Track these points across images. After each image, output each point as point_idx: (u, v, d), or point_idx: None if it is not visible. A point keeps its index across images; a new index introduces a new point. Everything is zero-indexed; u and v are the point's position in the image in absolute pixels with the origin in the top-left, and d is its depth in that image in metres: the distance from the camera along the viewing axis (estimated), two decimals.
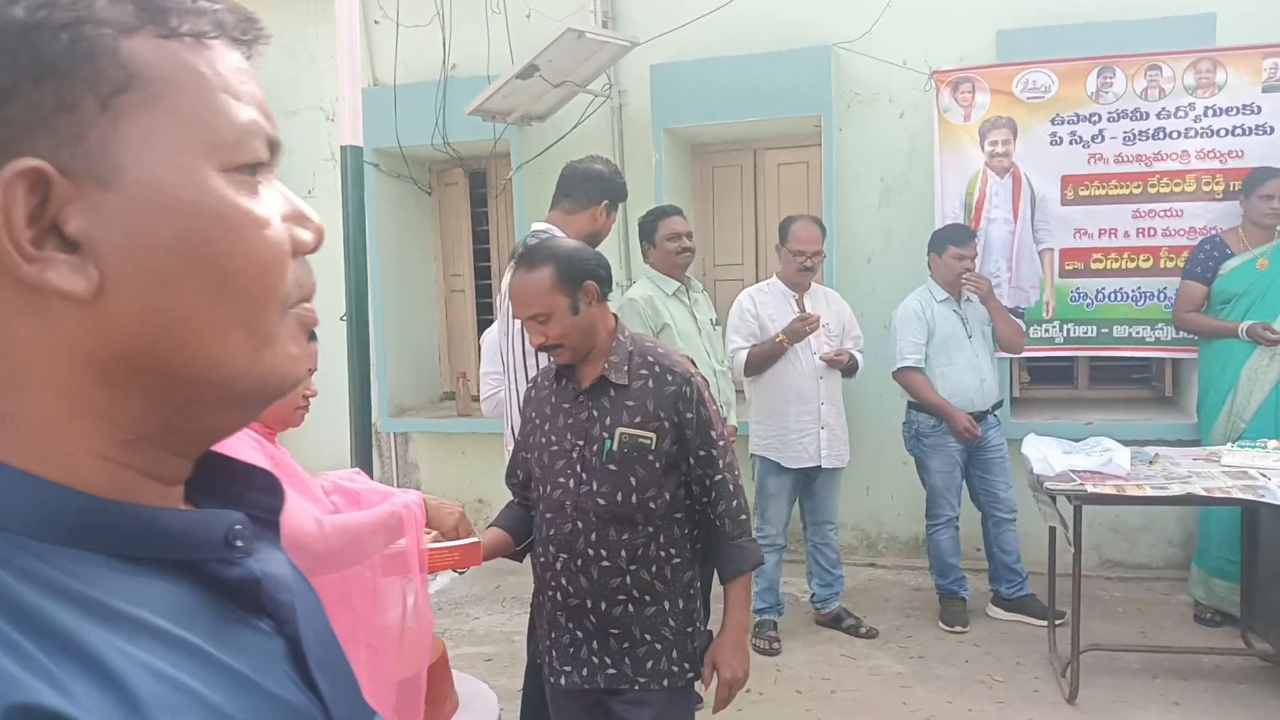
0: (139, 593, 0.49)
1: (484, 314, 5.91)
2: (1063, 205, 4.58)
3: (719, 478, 2.15)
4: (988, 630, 4.22)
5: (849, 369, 4.14)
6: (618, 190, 3.09)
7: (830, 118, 4.91)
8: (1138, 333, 4.56)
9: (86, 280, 0.48)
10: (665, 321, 3.81)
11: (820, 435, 4.06)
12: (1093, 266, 4.58)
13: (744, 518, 2.17)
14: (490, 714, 2.61)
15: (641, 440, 2.09)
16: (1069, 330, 4.64)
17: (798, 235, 4.06)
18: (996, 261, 4.64)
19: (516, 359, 2.80)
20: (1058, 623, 3.91)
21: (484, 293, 5.96)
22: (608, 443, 2.10)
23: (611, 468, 2.10)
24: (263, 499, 0.62)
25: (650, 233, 3.93)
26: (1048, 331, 4.66)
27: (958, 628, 4.20)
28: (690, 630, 2.18)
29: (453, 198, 6.03)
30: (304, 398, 1.95)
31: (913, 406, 4.30)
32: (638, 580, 2.12)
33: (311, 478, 1.94)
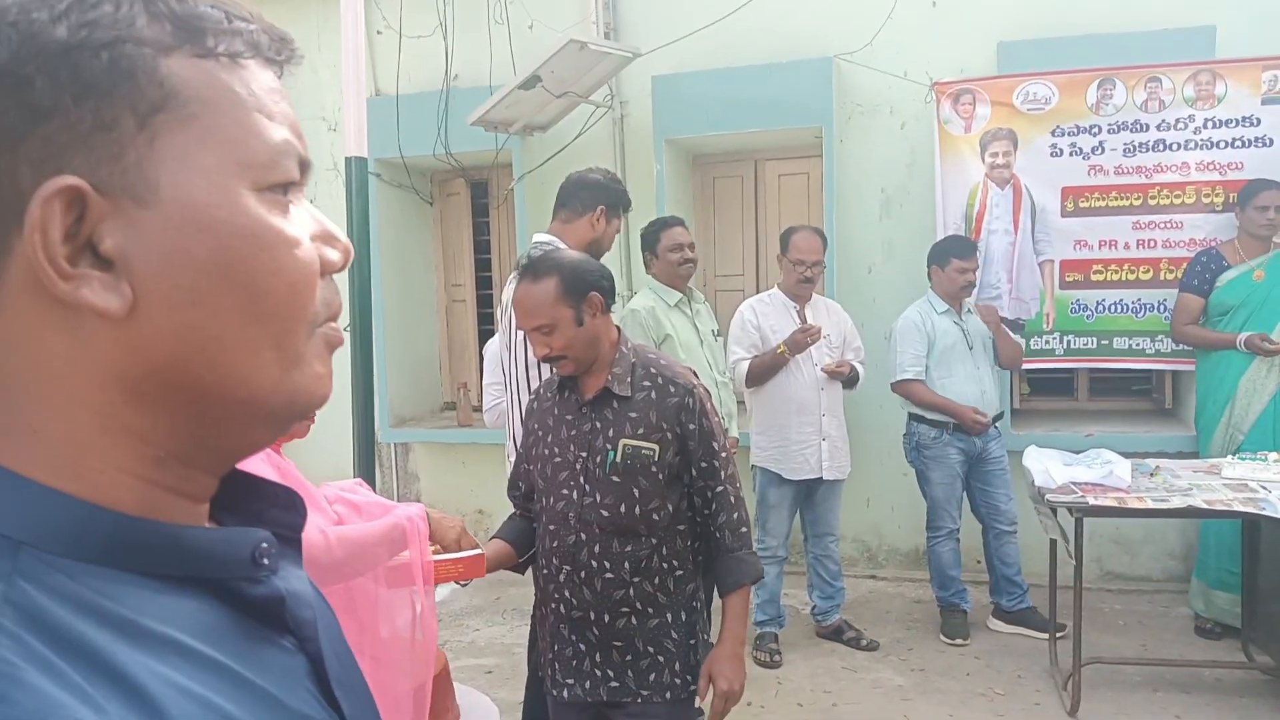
0: (168, 611, 0.49)
1: (485, 324, 5.92)
2: (1063, 217, 4.59)
3: (720, 489, 2.15)
4: (989, 643, 4.21)
5: (850, 380, 4.15)
6: (614, 197, 3.06)
7: (831, 129, 4.92)
8: (1138, 344, 4.57)
9: (120, 298, 0.48)
10: (667, 332, 3.82)
11: (821, 447, 4.06)
12: (1093, 278, 4.59)
13: (744, 530, 2.17)
14: None
15: (644, 451, 2.09)
16: (1069, 342, 4.65)
17: (798, 246, 4.07)
18: (997, 273, 4.64)
19: (519, 370, 2.80)
20: (1059, 635, 3.90)
21: (485, 303, 5.97)
22: (611, 454, 2.10)
23: (615, 479, 2.10)
24: (284, 516, 0.62)
25: (652, 243, 3.94)
26: (1048, 343, 4.67)
27: (959, 640, 4.20)
28: (693, 642, 2.18)
29: (454, 208, 6.04)
30: None
31: (913, 418, 4.30)
32: (641, 592, 2.12)
33: (315, 488, 1.94)
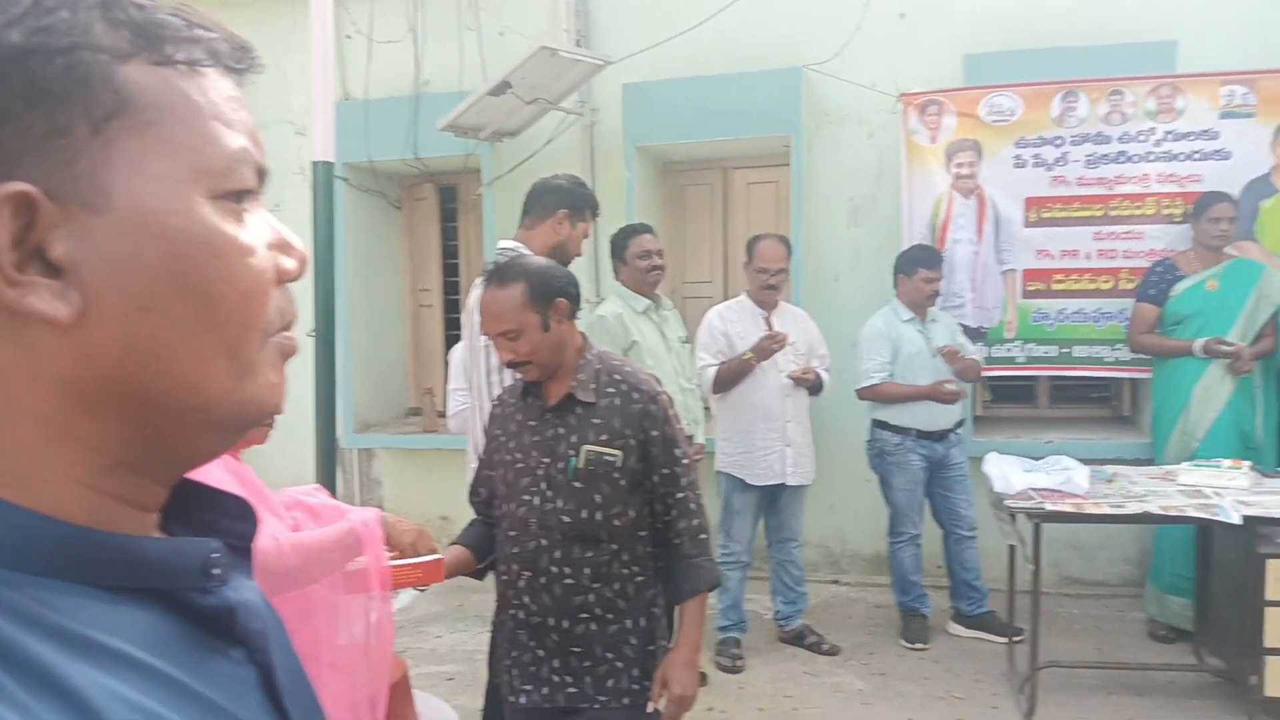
0: (115, 622, 0.49)
1: (452, 329, 5.91)
2: (1026, 227, 4.66)
3: (681, 496, 2.17)
4: (949, 647, 4.27)
5: (815, 387, 4.19)
6: (577, 200, 3.04)
7: (799, 138, 4.97)
8: (1097, 353, 4.65)
9: (69, 306, 0.48)
10: (634, 339, 3.84)
11: (786, 453, 4.10)
12: (1054, 287, 4.67)
13: (703, 537, 2.19)
14: None
15: (607, 458, 2.11)
16: (1030, 350, 4.72)
17: (762, 254, 4.11)
18: (961, 282, 4.71)
19: (481, 376, 2.81)
20: (1017, 639, 3.95)
21: (452, 308, 5.96)
22: (573, 460, 2.11)
23: (577, 485, 2.11)
24: (236, 526, 0.61)
25: (621, 250, 3.96)
26: (1009, 351, 4.74)
27: (919, 645, 4.25)
28: (651, 648, 2.19)
29: (422, 213, 6.03)
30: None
31: (877, 425, 4.35)
32: (601, 598, 2.13)
33: (273, 494, 1.94)
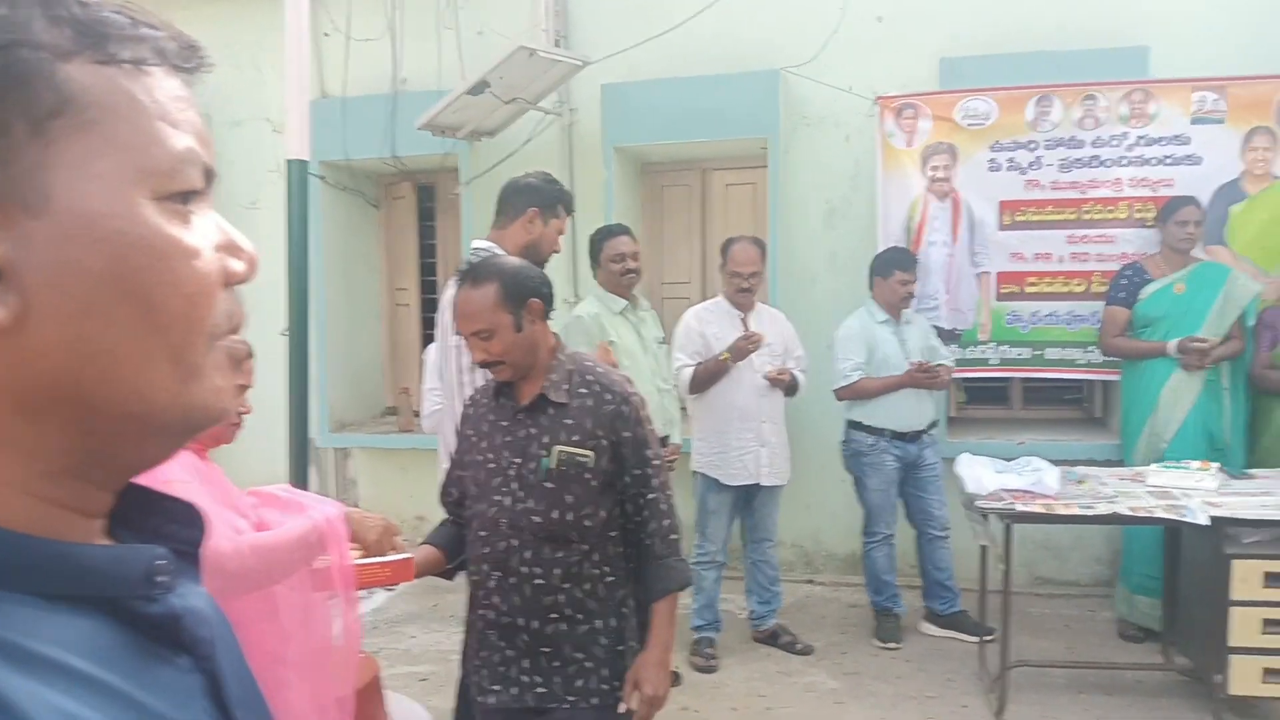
0: (57, 632, 0.47)
1: (429, 329, 5.85)
2: (1000, 230, 4.70)
3: (652, 497, 2.17)
4: (921, 646, 4.30)
5: (791, 388, 4.21)
6: (547, 197, 2.99)
7: (777, 140, 4.99)
8: (1070, 355, 4.69)
9: (6, 309, 0.47)
10: (611, 339, 3.85)
11: (761, 453, 4.12)
12: (1027, 290, 4.71)
13: (674, 538, 2.20)
14: None
15: (580, 458, 2.11)
16: (1004, 352, 4.76)
17: (735, 257, 4.13)
18: (935, 284, 4.74)
19: (453, 376, 2.81)
20: (988, 639, 3.99)
21: (430, 307, 5.94)
22: (545, 460, 2.11)
23: (548, 485, 2.11)
24: (183, 532, 0.60)
25: (596, 252, 3.98)
26: (983, 353, 4.78)
27: (891, 644, 4.28)
28: (621, 649, 2.19)
29: (400, 211, 6.02)
30: (238, 414, 1.94)
31: (851, 425, 4.38)
32: (571, 598, 2.13)
33: (240, 492, 1.94)
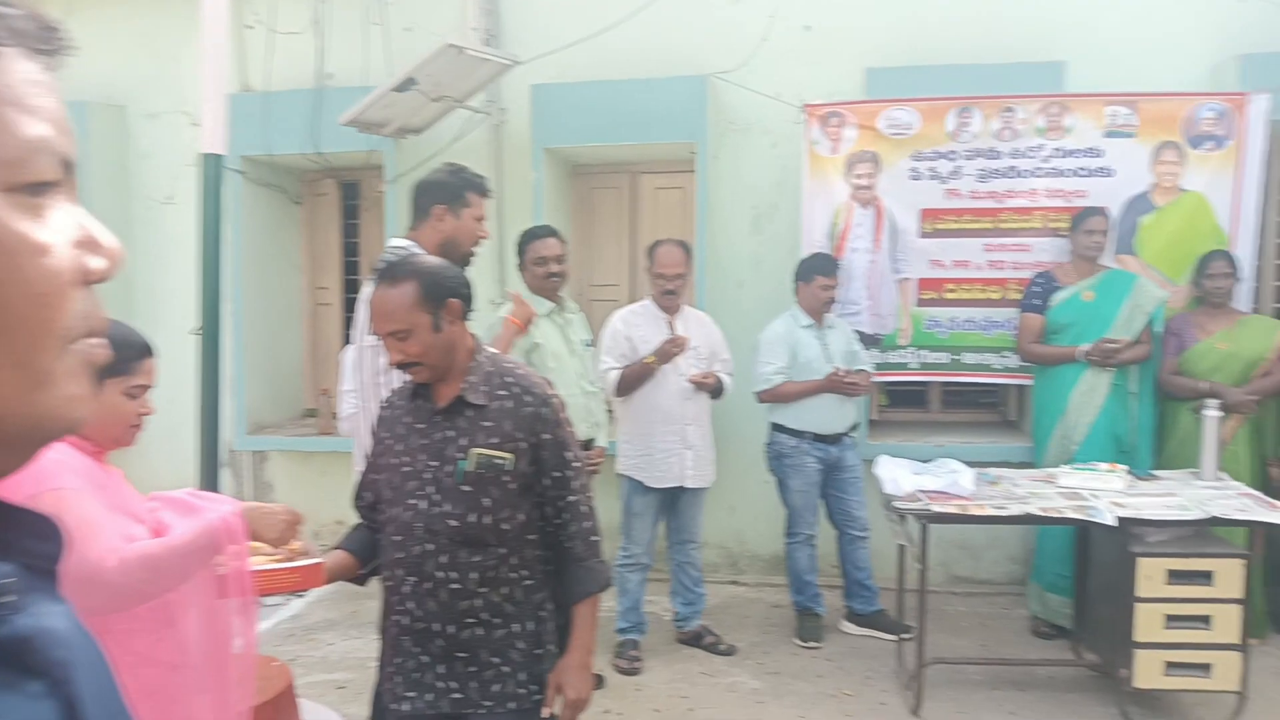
0: None
1: (352, 328, 5.80)
2: (920, 237, 4.80)
3: (573, 499, 2.16)
4: (841, 645, 4.37)
5: (716, 391, 4.24)
6: (451, 190, 2.90)
7: (705, 145, 5.03)
8: (986, 360, 4.82)
9: None
10: (536, 341, 3.83)
11: (685, 456, 4.14)
12: (946, 296, 4.82)
13: (595, 540, 2.19)
14: None
15: (497, 461, 2.09)
16: (923, 356, 4.87)
17: (660, 259, 4.15)
18: (858, 289, 4.82)
19: (369, 378, 2.76)
20: (906, 637, 4.07)
21: (352, 307, 5.83)
22: (462, 463, 2.09)
23: (466, 488, 2.08)
24: (39, 546, 0.56)
25: (522, 254, 3.96)
26: (903, 357, 4.88)
27: (813, 643, 4.34)
28: (539, 652, 2.18)
29: (323, 208, 5.91)
30: (139, 415, 1.88)
31: (775, 428, 4.43)
32: (488, 602, 2.10)
33: (139, 497, 1.87)
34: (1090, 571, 4.02)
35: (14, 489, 0.55)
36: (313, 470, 5.57)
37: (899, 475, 3.82)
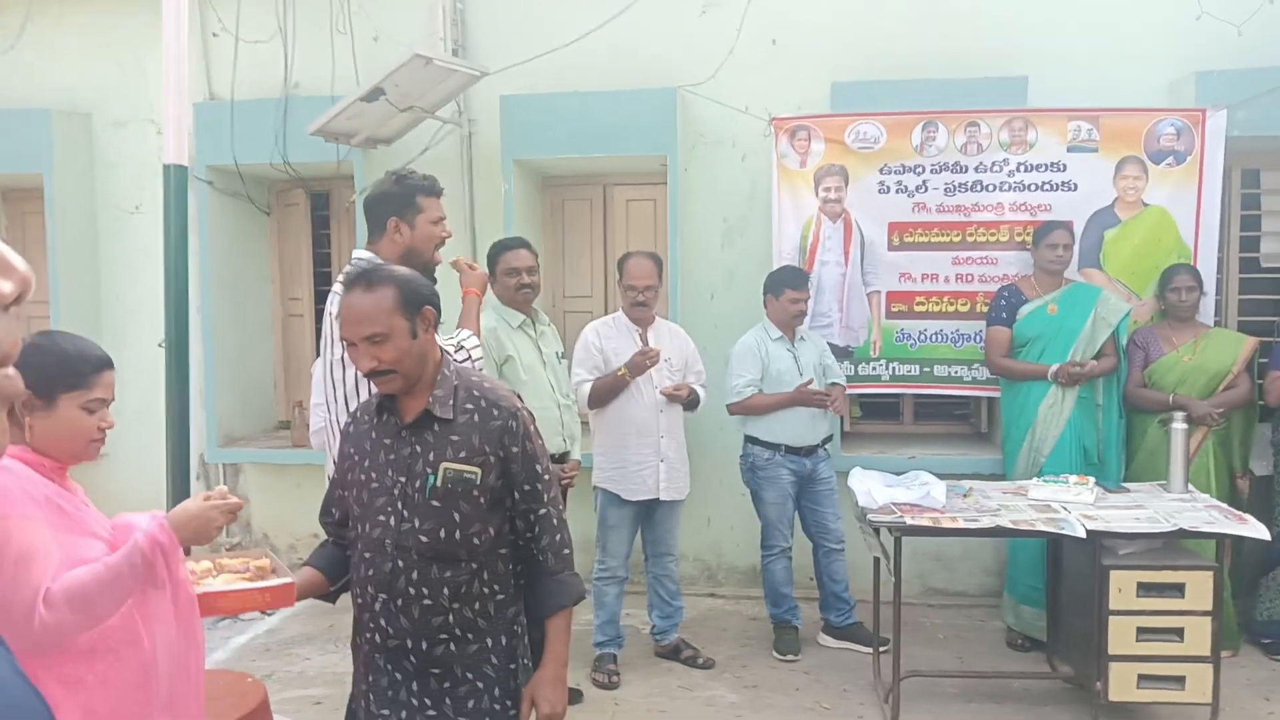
0: None
1: (321, 341, 5.74)
2: (889, 250, 4.83)
3: (543, 512, 2.13)
4: (818, 658, 4.36)
5: (690, 403, 4.23)
6: (400, 199, 2.83)
7: (676, 158, 5.03)
8: (956, 372, 4.85)
9: None
10: (509, 354, 3.80)
11: (659, 468, 4.12)
12: (916, 309, 4.85)
13: (567, 552, 2.17)
14: None
15: (467, 475, 2.05)
16: (894, 369, 4.89)
17: (630, 271, 4.14)
18: (828, 302, 4.84)
19: (341, 391, 2.72)
20: (882, 650, 4.06)
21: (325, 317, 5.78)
22: (431, 478, 2.05)
23: (435, 504, 2.05)
24: None
25: (492, 266, 3.93)
26: (875, 370, 4.90)
27: (790, 656, 4.33)
28: (513, 667, 2.15)
29: (293, 219, 5.85)
30: (99, 430, 1.82)
31: (749, 440, 4.42)
32: (460, 618, 2.07)
33: (100, 516, 1.82)
34: (1062, 584, 4.03)
35: None
36: (287, 483, 5.48)
37: (872, 487, 3.82)
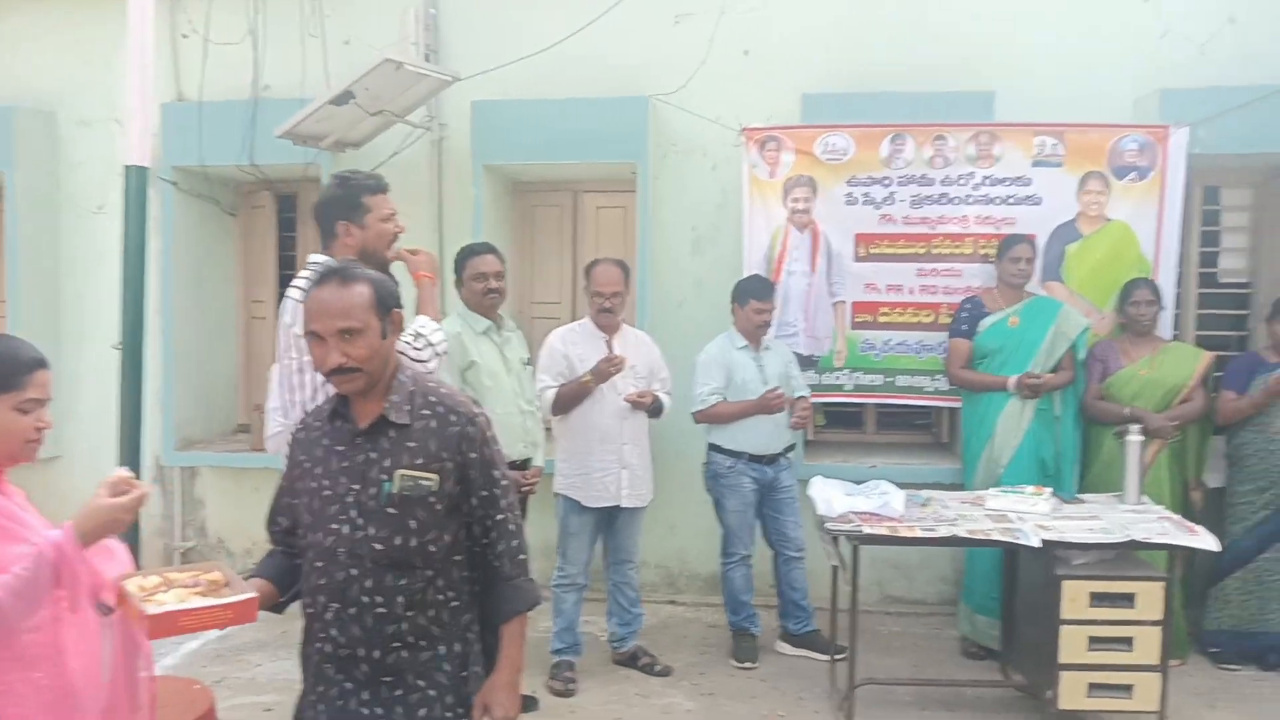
0: None
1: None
2: (855, 261, 4.88)
3: (501, 518, 2.13)
4: (776, 666, 4.38)
5: (655, 410, 4.24)
6: (345, 202, 2.81)
7: (646, 166, 5.05)
8: (919, 383, 4.90)
9: None
10: (473, 359, 3.80)
11: (622, 475, 4.13)
12: (880, 320, 4.90)
13: (523, 557, 2.17)
14: None
15: (423, 482, 2.04)
16: (858, 378, 4.93)
17: (597, 277, 4.16)
18: (795, 311, 4.88)
19: (301, 396, 2.71)
20: (839, 657, 4.09)
21: None
22: (387, 485, 2.04)
23: (390, 511, 2.04)
24: None
25: (459, 270, 3.94)
26: (838, 379, 4.94)
27: (748, 664, 4.35)
28: (465, 674, 2.14)
29: (259, 221, 5.82)
30: (36, 430, 1.81)
31: (712, 448, 4.45)
32: (415, 626, 2.06)
33: (38, 520, 1.80)
34: (1017, 593, 4.08)
35: None
36: (245, 487, 5.44)
37: (832, 496, 3.85)
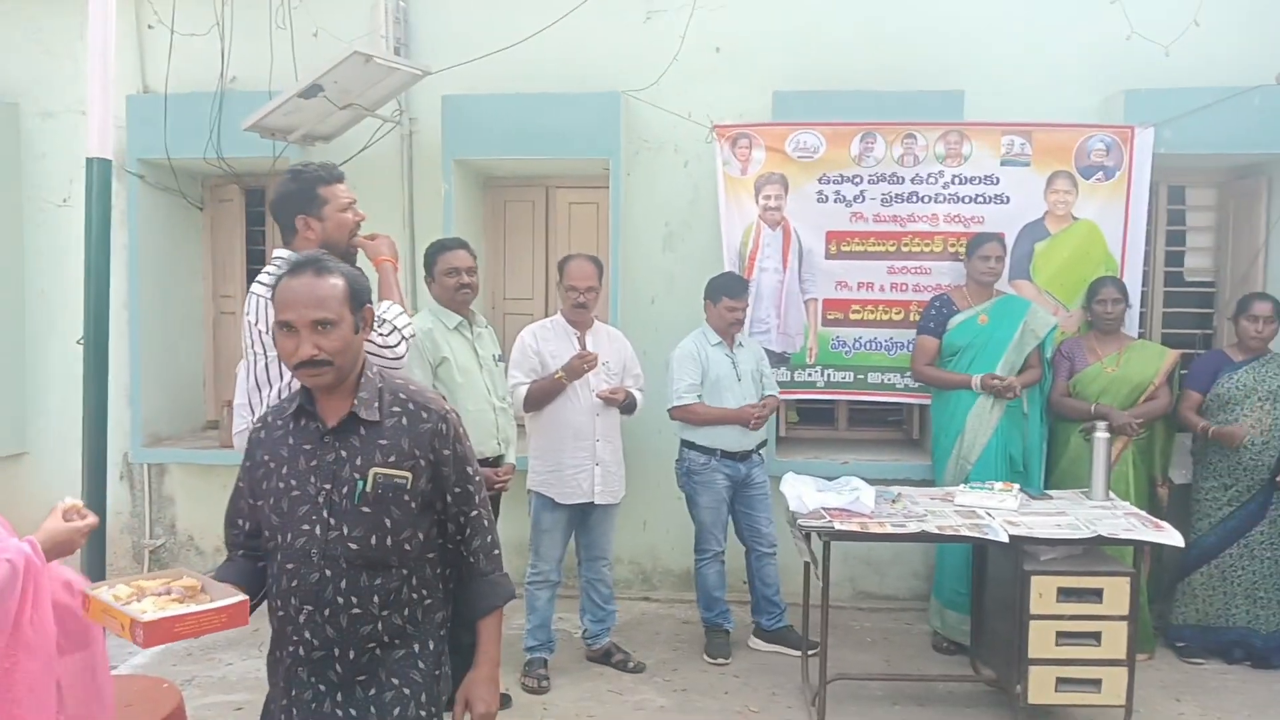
0: None
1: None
2: (827, 258, 4.90)
3: (474, 514, 2.12)
4: (749, 661, 4.40)
5: (628, 407, 4.23)
6: (301, 196, 2.79)
7: (618, 162, 5.04)
8: (890, 379, 4.93)
9: None
10: (444, 355, 3.77)
11: (595, 472, 4.12)
12: (851, 317, 4.93)
13: (497, 553, 2.17)
14: None
15: (397, 480, 2.02)
16: (829, 375, 4.96)
17: (571, 273, 4.14)
18: (767, 308, 4.90)
19: (269, 392, 2.67)
20: (811, 653, 4.10)
21: None
22: (360, 484, 2.02)
23: (365, 510, 2.01)
24: None
25: (430, 266, 3.91)
26: (810, 376, 4.97)
27: (720, 660, 4.36)
28: (438, 673, 2.13)
29: (227, 215, 5.74)
30: None
31: (685, 444, 4.45)
32: (389, 625, 2.04)
33: (4, 529, 1.76)
34: (986, 589, 4.12)
35: None
36: (214, 484, 5.36)
37: (804, 492, 3.86)
